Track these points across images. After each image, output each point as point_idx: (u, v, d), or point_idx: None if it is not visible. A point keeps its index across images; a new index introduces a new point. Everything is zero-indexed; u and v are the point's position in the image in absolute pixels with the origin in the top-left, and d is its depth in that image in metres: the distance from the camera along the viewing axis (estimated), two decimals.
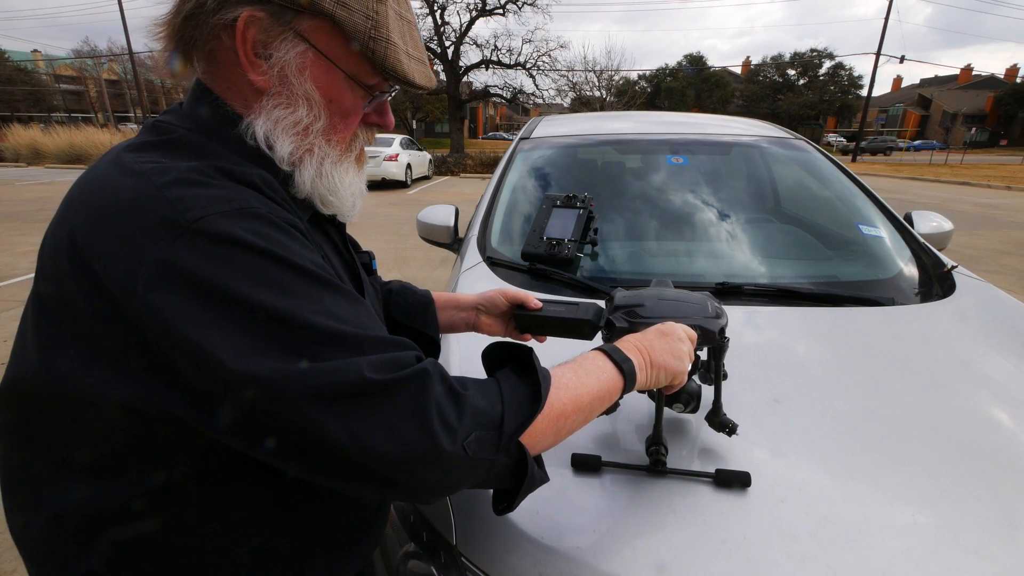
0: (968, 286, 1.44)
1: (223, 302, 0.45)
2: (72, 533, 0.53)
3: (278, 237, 0.49)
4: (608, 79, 28.36)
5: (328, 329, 0.47)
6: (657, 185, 1.86)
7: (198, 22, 0.55)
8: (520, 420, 0.55)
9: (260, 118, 0.57)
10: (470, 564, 0.73)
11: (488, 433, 0.52)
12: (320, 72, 0.58)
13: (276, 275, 0.47)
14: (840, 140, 45.57)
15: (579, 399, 0.61)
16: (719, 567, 0.67)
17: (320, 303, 0.48)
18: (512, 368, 0.61)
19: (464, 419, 0.51)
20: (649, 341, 0.71)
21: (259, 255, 0.47)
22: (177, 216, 0.45)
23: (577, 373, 0.63)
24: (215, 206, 0.47)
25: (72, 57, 42.63)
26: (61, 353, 0.49)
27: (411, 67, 0.61)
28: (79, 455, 0.52)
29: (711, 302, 0.83)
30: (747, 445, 0.85)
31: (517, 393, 0.57)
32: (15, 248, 6.30)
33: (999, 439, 0.87)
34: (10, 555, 1.84)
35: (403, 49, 0.59)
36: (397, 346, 0.52)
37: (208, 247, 0.45)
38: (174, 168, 0.49)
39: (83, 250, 0.46)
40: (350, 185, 0.65)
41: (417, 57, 0.62)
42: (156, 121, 0.58)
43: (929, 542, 0.69)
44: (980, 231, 8.21)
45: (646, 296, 0.83)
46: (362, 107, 0.62)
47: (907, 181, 18.14)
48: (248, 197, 0.51)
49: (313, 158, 0.60)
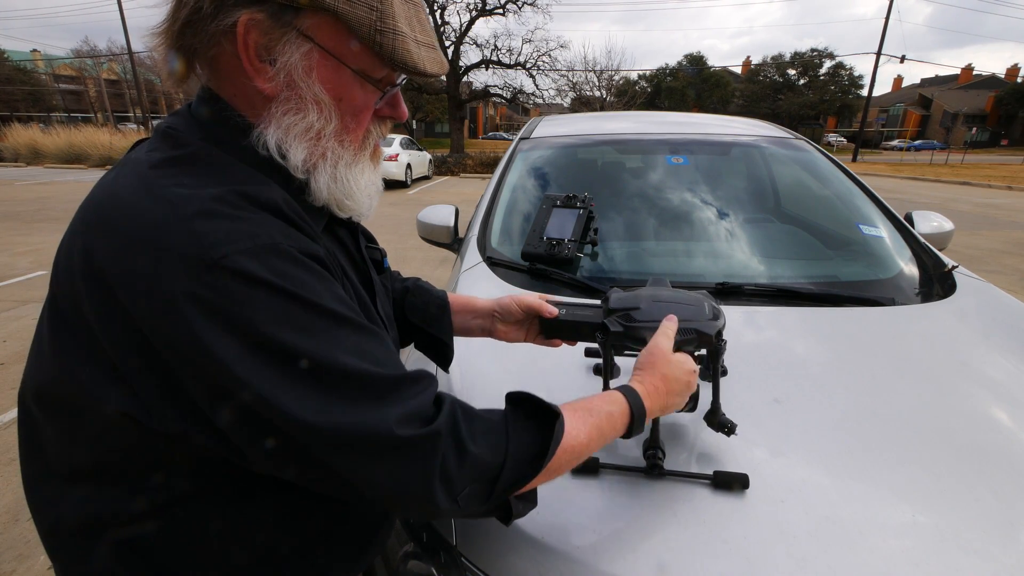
0: (969, 286, 1.44)
1: (246, 339, 0.46)
2: (80, 536, 0.55)
3: (298, 275, 0.49)
4: (608, 79, 28.36)
5: (347, 369, 0.49)
6: (657, 185, 1.86)
7: (197, 29, 0.53)
8: (515, 479, 0.57)
9: (271, 126, 0.55)
10: (470, 564, 0.73)
11: (481, 486, 0.55)
12: (327, 71, 0.56)
13: (297, 315, 0.48)
14: (840, 140, 45.59)
15: (578, 457, 0.63)
16: (719, 567, 0.67)
17: (338, 342, 0.49)
18: (528, 412, 0.61)
19: (464, 474, 0.53)
20: (662, 396, 0.71)
21: (280, 295, 0.47)
22: (201, 251, 0.45)
23: (590, 436, 0.63)
24: (240, 243, 0.47)
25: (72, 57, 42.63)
26: (79, 365, 0.50)
27: (421, 55, 0.57)
28: (89, 460, 0.54)
29: (708, 302, 0.82)
30: (747, 445, 0.85)
31: (522, 449, 0.57)
32: (15, 248, 6.29)
33: (999, 439, 0.87)
34: (10, 555, 1.84)
35: (411, 36, 0.56)
36: (415, 383, 0.53)
37: (232, 285, 0.45)
38: (198, 197, 0.48)
39: (104, 273, 0.47)
40: (366, 186, 0.64)
41: (426, 42, 0.59)
42: (167, 129, 0.57)
43: (929, 542, 0.69)
44: (981, 231, 8.20)
45: (642, 298, 0.82)
46: (373, 103, 0.60)
47: (907, 181, 18.14)
48: (271, 229, 0.50)
49: (327, 163, 0.59)
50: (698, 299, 0.82)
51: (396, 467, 0.49)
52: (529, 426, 0.59)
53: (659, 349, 0.74)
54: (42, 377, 0.54)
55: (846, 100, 46.50)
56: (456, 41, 20.82)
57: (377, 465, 0.49)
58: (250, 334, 0.46)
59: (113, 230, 0.48)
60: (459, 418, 0.54)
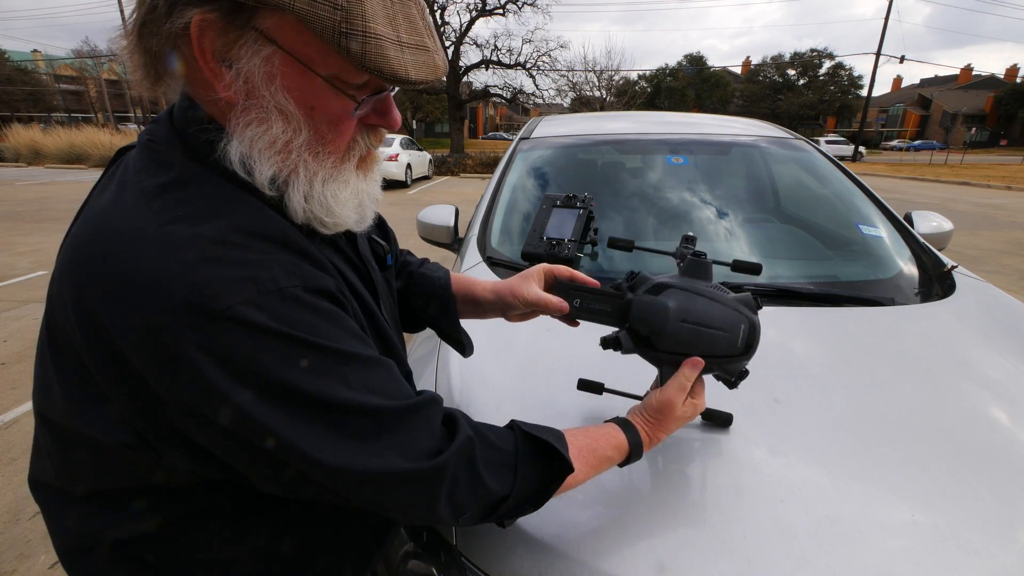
0: (968, 286, 1.44)
1: (255, 385, 0.46)
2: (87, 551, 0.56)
3: (303, 318, 0.48)
4: (608, 79, 28.35)
5: (354, 405, 0.50)
6: (657, 185, 1.86)
7: (152, 30, 0.48)
8: (513, 508, 0.60)
9: (235, 139, 0.51)
10: (470, 564, 0.73)
11: (484, 510, 0.59)
12: (294, 77, 0.49)
13: (303, 358, 0.48)
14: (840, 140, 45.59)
15: (574, 486, 0.67)
16: (719, 567, 0.67)
17: (344, 379, 0.50)
18: (540, 448, 0.63)
19: (470, 499, 0.56)
20: (659, 435, 0.74)
21: (285, 340, 0.47)
22: (204, 302, 0.43)
23: (588, 472, 0.67)
24: (243, 293, 0.45)
25: (72, 57, 42.60)
26: (80, 400, 0.50)
27: (404, 59, 0.49)
28: (95, 483, 0.55)
29: (744, 325, 0.71)
30: (747, 445, 0.85)
31: (527, 485, 0.61)
32: (15, 248, 6.29)
33: (999, 439, 0.87)
34: (10, 555, 1.84)
35: (391, 38, 0.48)
36: (420, 411, 0.55)
37: (238, 335, 0.45)
38: (198, 240, 0.46)
39: (97, 317, 0.45)
40: (349, 199, 0.57)
41: (413, 43, 0.51)
42: (149, 143, 0.53)
43: (929, 541, 0.69)
44: (980, 231, 8.20)
45: (671, 311, 0.71)
46: (351, 112, 0.53)
47: (907, 181, 18.13)
48: (275, 272, 0.48)
49: (299, 179, 0.53)
50: (735, 321, 0.71)
51: (404, 496, 0.52)
52: (538, 468, 0.62)
53: (670, 407, 0.73)
54: (51, 406, 0.53)
55: (846, 100, 46.50)
56: (456, 41, 20.82)
57: (386, 496, 0.52)
58: (259, 380, 0.46)
59: (108, 273, 0.45)
60: (475, 447, 0.57)
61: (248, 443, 0.47)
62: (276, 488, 0.51)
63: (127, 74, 0.57)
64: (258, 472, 0.50)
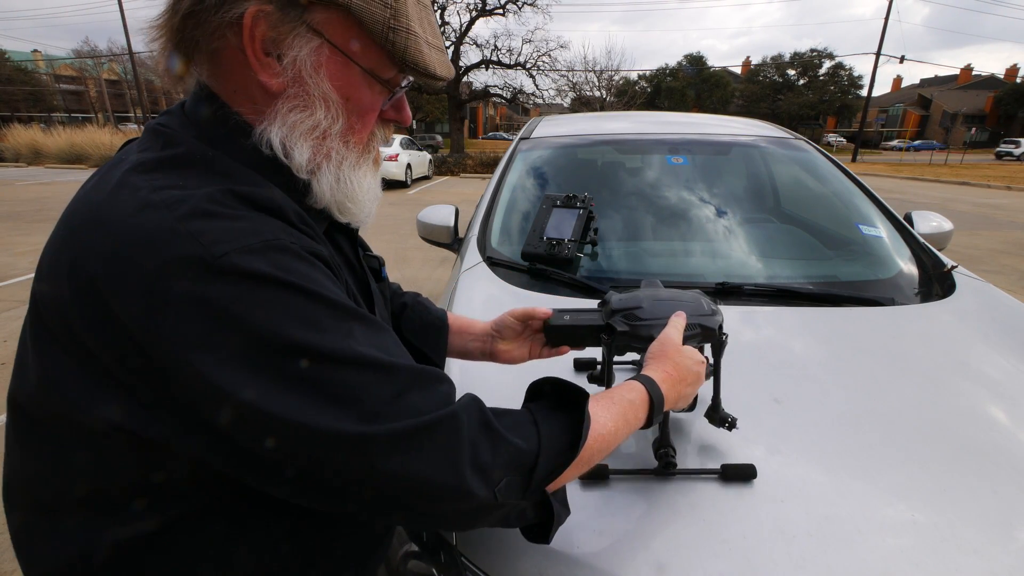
0: (968, 286, 1.44)
1: (255, 342, 0.43)
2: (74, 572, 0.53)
3: (306, 271, 0.48)
4: (608, 79, 28.36)
5: (364, 358, 0.47)
6: (657, 185, 1.86)
7: (199, 20, 0.51)
8: (551, 468, 0.55)
9: (275, 124, 0.53)
10: (470, 564, 0.73)
11: (519, 477, 0.52)
12: (336, 69, 0.54)
13: (308, 311, 0.46)
14: (840, 140, 45.58)
15: (607, 448, 0.61)
16: (719, 567, 0.67)
17: (351, 334, 0.48)
18: (553, 404, 0.59)
19: (499, 462, 0.51)
20: (676, 384, 0.70)
21: (288, 290, 0.45)
22: (201, 252, 0.43)
23: (616, 422, 0.62)
24: (241, 240, 0.44)
25: (72, 57, 42.63)
26: (64, 376, 0.47)
27: (432, 57, 0.56)
28: (79, 479, 0.50)
29: (704, 299, 0.83)
30: (747, 445, 0.85)
31: (554, 438, 0.56)
32: (15, 248, 6.29)
33: (999, 438, 0.87)
34: (9, 555, 1.84)
35: (423, 38, 0.55)
36: (429, 378, 0.51)
37: (237, 284, 0.43)
38: (191, 197, 0.46)
39: (94, 283, 0.44)
40: (368, 190, 0.61)
41: (436, 45, 0.58)
42: (157, 126, 0.55)
43: (928, 541, 0.69)
44: (980, 231, 8.20)
45: (642, 298, 0.83)
46: (381, 104, 0.59)
47: (907, 181, 18.14)
48: (273, 227, 0.48)
49: (331, 163, 0.57)
50: (695, 296, 0.84)
51: (420, 454, 0.47)
52: (557, 415, 0.58)
53: (670, 340, 0.74)
54: (26, 389, 0.50)
55: (846, 100, 46.50)
56: (456, 41, 20.82)
57: (399, 456, 0.46)
58: (259, 333, 0.43)
59: (103, 236, 0.45)
60: (485, 409, 0.53)
61: (234, 409, 0.43)
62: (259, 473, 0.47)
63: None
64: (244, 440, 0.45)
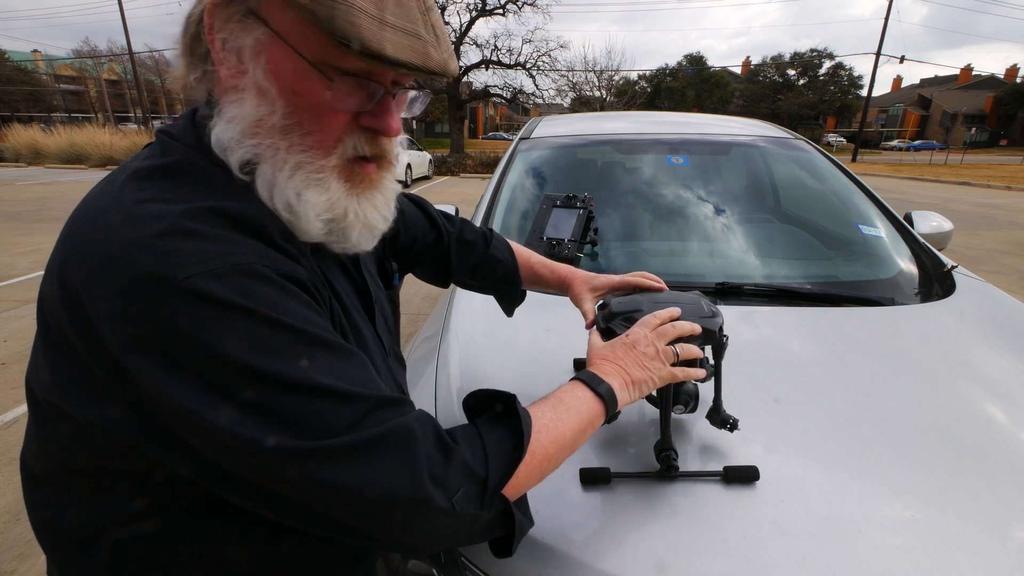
0: (968, 286, 1.44)
1: (208, 362, 0.43)
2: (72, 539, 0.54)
3: (271, 296, 0.46)
4: (608, 79, 28.36)
5: (319, 386, 0.46)
6: (657, 185, 1.86)
7: (191, 22, 0.52)
8: (503, 472, 0.54)
9: (219, 120, 0.51)
10: (470, 564, 0.73)
11: (475, 487, 0.52)
12: (280, 59, 0.49)
13: (264, 337, 0.45)
14: (840, 140, 45.59)
15: (561, 438, 0.60)
16: (719, 567, 0.67)
17: (311, 361, 0.46)
18: (491, 416, 0.59)
19: (453, 473, 0.50)
20: (620, 357, 0.69)
21: (246, 316, 0.44)
22: (167, 271, 0.43)
23: (556, 411, 0.61)
24: (207, 263, 0.44)
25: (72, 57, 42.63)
26: (61, 372, 0.49)
27: (380, 35, 0.47)
28: (81, 462, 0.52)
29: (704, 301, 0.83)
30: (747, 444, 0.85)
31: (499, 443, 0.55)
32: (15, 248, 6.29)
33: (999, 438, 0.87)
34: (10, 555, 1.84)
35: (369, 12, 0.46)
36: (393, 407, 0.50)
37: (194, 307, 0.43)
38: (170, 213, 0.46)
39: (76, 291, 0.45)
40: (315, 204, 0.52)
41: (401, 27, 0.49)
42: (161, 131, 0.55)
43: (928, 541, 0.69)
44: (980, 231, 8.20)
45: (642, 300, 0.83)
46: (343, 102, 0.51)
47: (907, 181, 18.14)
48: (245, 249, 0.47)
49: (266, 166, 0.51)
50: (695, 298, 0.84)
51: (380, 464, 0.46)
52: (496, 424, 0.58)
53: (637, 327, 0.73)
54: (39, 380, 0.52)
55: (846, 100, 46.50)
56: (456, 41, 20.82)
57: (356, 468, 0.45)
58: (212, 355, 0.43)
59: (84, 246, 0.47)
60: (438, 424, 0.53)
61: (198, 435, 0.44)
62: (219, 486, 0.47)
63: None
64: (214, 468, 0.46)
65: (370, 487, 0.46)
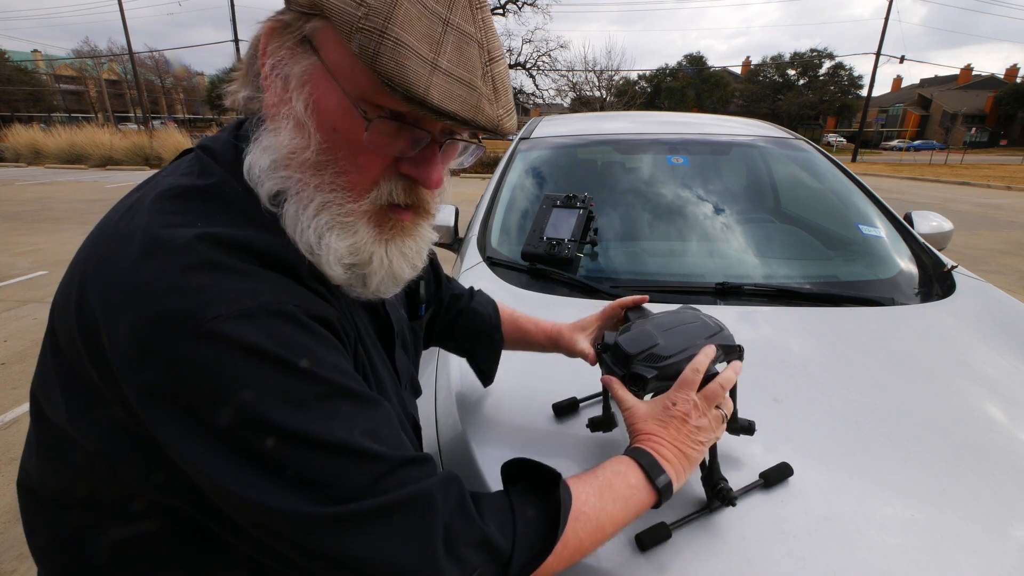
0: (968, 286, 1.44)
1: (227, 413, 0.41)
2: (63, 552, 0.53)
3: (300, 341, 0.44)
4: (608, 79, 28.36)
5: (341, 443, 0.44)
6: (657, 185, 1.86)
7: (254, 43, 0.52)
8: (527, 559, 0.51)
9: (255, 147, 0.49)
10: None
11: (492, 568, 0.49)
12: (325, 92, 0.47)
13: (291, 388, 0.43)
14: (840, 140, 45.59)
15: (600, 531, 0.56)
16: (719, 567, 0.67)
17: (335, 414, 0.44)
18: (529, 486, 0.55)
19: (473, 552, 0.47)
20: (675, 436, 0.65)
21: (274, 365, 0.42)
22: (195, 309, 0.41)
23: (603, 496, 0.57)
24: (237, 302, 0.42)
25: (72, 57, 42.64)
26: (64, 382, 0.47)
27: (428, 79, 0.44)
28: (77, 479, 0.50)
29: (703, 316, 0.81)
30: (747, 445, 0.85)
31: (530, 526, 0.52)
32: (15, 248, 6.29)
33: (998, 439, 0.87)
34: (9, 555, 1.84)
35: (420, 53, 0.43)
36: (416, 466, 0.48)
37: (221, 351, 0.41)
38: (197, 246, 0.43)
39: (91, 310, 0.43)
40: (338, 248, 0.50)
41: (455, 75, 0.45)
42: (200, 148, 0.53)
43: (928, 541, 0.69)
44: (980, 231, 8.21)
45: (650, 332, 0.76)
46: (380, 144, 0.48)
47: (907, 181, 18.14)
48: (277, 287, 0.45)
49: (293, 200, 0.49)
50: (695, 316, 0.80)
51: (388, 533, 0.44)
52: (532, 499, 0.54)
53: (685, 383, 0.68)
54: (43, 396, 0.51)
55: (846, 100, 46.51)
56: None
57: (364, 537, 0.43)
58: (233, 405, 0.41)
59: (105, 267, 0.44)
60: (464, 489, 0.50)
61: (210, 487, 0.42)
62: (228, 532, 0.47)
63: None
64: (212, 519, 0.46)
65: (376, 558, 0.43)
